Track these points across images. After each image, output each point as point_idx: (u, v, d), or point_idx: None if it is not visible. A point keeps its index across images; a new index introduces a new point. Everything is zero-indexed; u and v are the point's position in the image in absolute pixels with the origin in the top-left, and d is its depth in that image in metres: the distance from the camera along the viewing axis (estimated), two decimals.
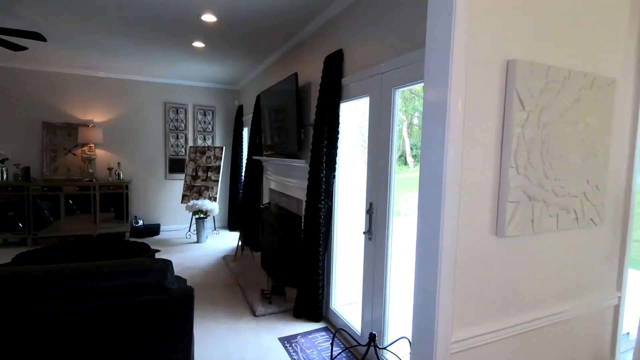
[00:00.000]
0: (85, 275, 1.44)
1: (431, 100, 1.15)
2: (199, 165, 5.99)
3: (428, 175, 1.15)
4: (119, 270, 1.50)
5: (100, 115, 5.71)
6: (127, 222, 5.55)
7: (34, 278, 1.38)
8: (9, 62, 5.08)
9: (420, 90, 4.88)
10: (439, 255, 1.10)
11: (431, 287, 1.13)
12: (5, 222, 4.93)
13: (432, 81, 1.14)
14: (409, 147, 14.77)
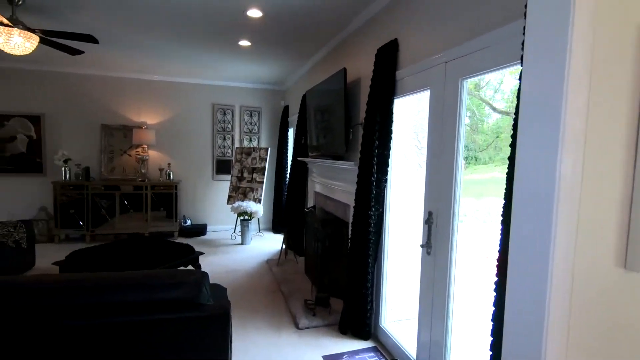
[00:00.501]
0: (115, 287, 1.31)
1: (536, 91, 0.85)
2: (244, 167, 5.98)
3: (527, 189, 0.85)
4: (150, 283, 1.36)
5: (153, 117, 5.89)
6: (176, 221, 5.66)
7: (57, 289, 1.27)
8: (73, 68, 5.40)
9: (474, 87, 4.38)
10: (546, 295, 0.80)
11: (533, 338, 0.83)
12: (67, 219, 5.22)
13: (538, 63, 0.84)
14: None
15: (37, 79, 5.36)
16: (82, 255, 3.16)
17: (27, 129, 5.38)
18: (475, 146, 4.50)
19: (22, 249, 3.75)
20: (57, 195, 5.15)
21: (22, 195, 5.40)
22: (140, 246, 3.44)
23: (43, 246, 5.04)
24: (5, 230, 3.75)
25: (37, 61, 5.08)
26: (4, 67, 5.20)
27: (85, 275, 1.39)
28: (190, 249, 3.53)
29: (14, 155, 5.35)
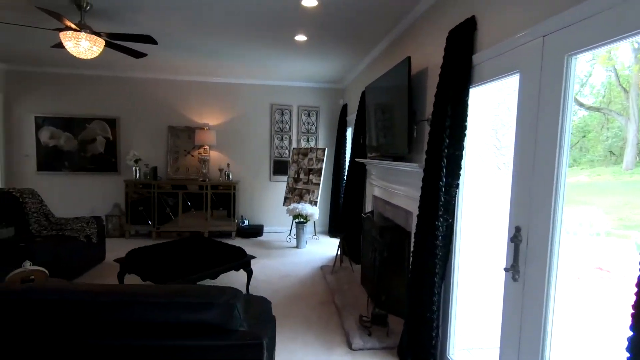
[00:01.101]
0: (133, 303, 1.15)
1: None
2: (301, 168, 5.83)
3: None
4: (174, 302, 1.17)
5: (214, 118, 6.02)
6: (235, 221, 5.70)
7: (69, 303, 1.14)
8: (144, 73, 5.71)
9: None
10: None
11: None
12: (137, 216, 5.53)
13: None
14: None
15: (114, 84, 5.76)
16: (139, 253, 3.21)
17: (105, 131, 5.81)
18: None
19: (92, 244, 3.98)
20: (128, 193, 5.48)
21: (101, 192, 5.85)
22: (193, 247, 3.42)
23: (115, 240, 5.38)
24: (79, 226, 4.00)
25: (113, 67, 5.45)
26: (86, 74, 5.67)
27: (103, 287, 1.25)
28: (242, 252, 3.43)
29: (94, 155, 5.82)
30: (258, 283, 3.79)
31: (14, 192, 3.84)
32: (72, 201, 5.81)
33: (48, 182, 5.76)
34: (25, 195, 3.91)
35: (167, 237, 5.64)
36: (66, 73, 5.64)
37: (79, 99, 5.71)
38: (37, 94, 5.65)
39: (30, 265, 1.93)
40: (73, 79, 5.67)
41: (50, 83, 5.65)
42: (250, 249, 5.12)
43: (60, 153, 5.74)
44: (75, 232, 3.87)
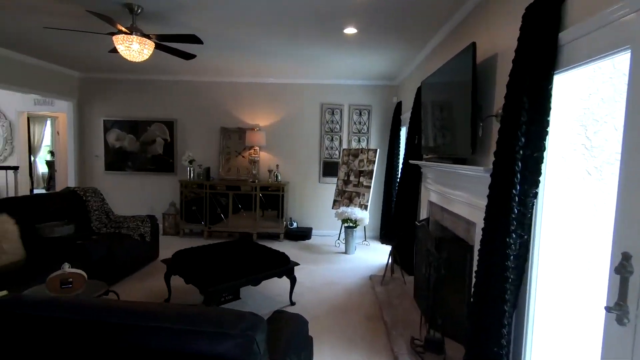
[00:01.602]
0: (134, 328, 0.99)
1: None
2: (351, 169, 5.57)
3: None
4: (185, 328, 1.00)
5: (265, 119, 5.99)
6: (283, 223, 5.61)
7: (58, 321, 1.01)
8: (198, 76, 5.86)
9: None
10: None
11: None
12: (190, 215, 5.68)
13: None
14: None
15: (172, 88, 5.99)
16: (185, 255, 3.19)
17: (164, 133, 6.07)
18: None
19: (146, 243, 4.10)
20: (182, 192, 5.65)
21: (160, 191, 6.12)
22: (237, 251, 3.33)
23: (170, 238, 5.57)
24: (134, 224, 4.15)
25: (172, 72, 5.66)
26: (148, 79, 5.96)
27: (106, 302, 1.12)
28: (286, 259, 3.26)
29: (154, 156, 6.11)
30: (302, 290, 3.61)
31: (79, 190, 4.09)
32: (133, 199, 6.16)
33: (114, 181, 6.16)
34: (88, 194, 4.14)
35: (217, 237, 5.73)
36: (130, 79, 5.98)
37: (141, 102, 6.03)
38: (105, 99, 6.06)
39: (69, 268, 1.94)
40: (136, 84, 6.00)
41: (116, 88, 6.03)
42: (297, 252, 4.98)
43: (124, 154, 6.10)
44: (130, 231, 4.02)
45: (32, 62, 5.09)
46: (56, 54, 4.83)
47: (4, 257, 2.82)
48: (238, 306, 3.24)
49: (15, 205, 3.27)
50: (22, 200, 3.37)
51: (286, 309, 3.24)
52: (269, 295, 3.50)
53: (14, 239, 2.93)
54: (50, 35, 3.99)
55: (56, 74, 5.59)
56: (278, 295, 3.50)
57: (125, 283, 3.66)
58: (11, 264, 2.83)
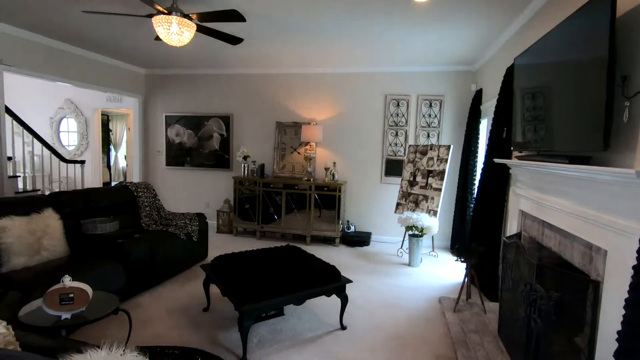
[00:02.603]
0: None
1: None
2: (418, 169, 4.85)
3: None
4: None
5: (322, 113, 5.53)
6: (339, 226, 5.10)
7: None
8: (254, 69, 5.60)
9: None
10: None
11: None
12: (244, 213, 5.45)
13: None
14: None
15: (228, 81, 5.82)
16: (223, 262, 2.85)
17: (220, 128, 5.94)
18: None
19: (192, 242, 3.88)
20: (236, 189, 5.44)
21: (216, 187, 6.02)
22: (281, 261, 2.90)
23: (223, 237, 5.40)
24: (182, 222, 3.96)
25: (228, 65, 5.46)
26: (206, 73, 5.86)
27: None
28: (336, 274, 2.74)
29: (210, 152, 6.01)
30: (355, 311, 3.06)
31: (130, 186, 4.02)
32: (191, 195, 6.14)
33: (173, 176, 6.20)
34: (139, 190, 4.05)
35: (270, 237, 5.43)
36: (190, 74, 5.94)
37: (199, 97, 5.96)
38: (167, 95, 6.11)
39: (70, 281, 1.66)
40: (195, 79, 5.94)
41: (176, 84, 6.04)
42: (353, 261, 4.43)
43: (183, 149, 6.10)
44: (177, 229, 3.83)
45: (105, 60, 5.25)
46: (124, 51, 4.89)
47: (44, 253, 2.72)
48: (280, 323, 2.81)
49: (63, 199, 3.21)
50: (72, 194, 3.32)
51: (335, 333, 2.73)
52: (316, 313, 3.01)
53: (56, 235, 2.83)
54: (117, 33, 3.96)
55: (125, 71, 5.73)
56: (327, 314, 3.00)
57: (165, 286, 3.46)
58: (50, 261, 2.73)
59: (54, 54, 4.53)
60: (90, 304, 1.73)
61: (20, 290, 2.26)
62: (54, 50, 4.52)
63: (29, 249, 2.62)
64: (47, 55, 4.45)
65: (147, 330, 2.66)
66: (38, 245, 2.68)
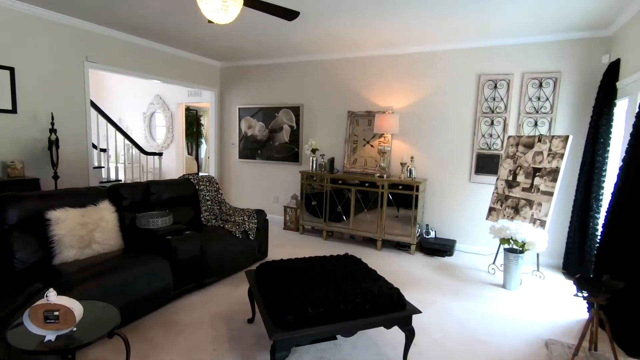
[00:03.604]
0: None
1: None
2: (519, 166, 3.86)
3: None
4: None
5: (399, 100, 4.82)
6: (417, 231, 4.39)
7: None
8: (324, 54, 5.14)
9: None
10: None
11: None
12: (311, 210, 5.07)
13: None
14: None
15: (299, 70, 5.48)
16: (269, 271, 2.46)
17: (290, 120, 5.65)
18: None
19: (248, 241, 3.62)
20: (303, 184, 5.09)
21: (284, 182, 5.78)
22: (335, 275, 2.39)
23: (289, 235, 5.11)
24: (240, 219, 3.73)
25: (297, 52, 5.11)
26: (277, 62, 5.61)
27: None
28: (400, 302, 2.13)
29: (280, 144, 5.78)
30: (426, 346, 2.41)
31: (192, 179, 3.93)
32: (261, 189, 6.01)
33: (245, 169, 6.15)
34: (201, 183, 3.94)
35: (337, 238, 4.97)
36: (261, 64, 5.76)
37: (270, 88, 5.76)
38: (240, 87, 6.04)
39: (56, 297, 1.41)
40: (266, 70, 5.74)
41: (249, 75, 5.93)
42: (431, 275, 3.71)
43: (255, 142, 5.99)
44: (234, 226, 3.60)
45: (182, 54, 5.36)
46: (200, 44, 4.90)
47: (95, 246, 2.67)
48: (329, 351, 2.32)
49: (122, 192, 3.19)
50: (131, 187, 3.30)
51: None
52: (376, 342, 2.45)
53: (109, 228, 2.78)
54: (192, 26, 3.90)
55: (202, 65, 5.82)
56: (389, 344, 2.41)
57: (217, 287, 3.24)
58: (100, 254, 2.67)
59: (134, 49, 4.70)
60: (85, 322, 1.48)
61: (61, 286, 2.18)
62: (133, 46, 4.69)
63: (80, 242, 2.58)
64: (128, 51, 4.63)
65: (183, 339, 2.41)
66: (89, 238, 2.63)
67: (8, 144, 3.59)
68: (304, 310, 1.93)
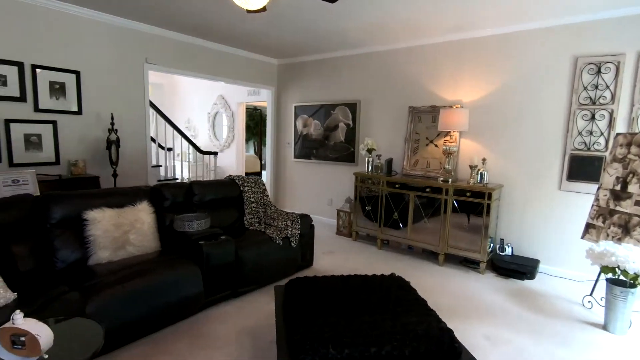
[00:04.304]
0: None
1: None
2: (632, 172, 2.99)
3: None
4: None
5: (470, 92, 4.15)
6: (488, 245, 3.71)
7: None
8: (384, 44, 4.66)
9: None
10: None
11: None
12: (366, 216, 4.65)
13: None
14: None
15: (356, 64, 5.08)
16: (300, 289, 2.14)
17: (346, 117, 5.28)
18: None
19: (290, 248, 3.35)
20: (357, 187, 4.69)
21: (339, 183, 5.43)
22: (374, 302, 1.98)
23: (341, 240, 4.76)
24: (283, 224, 3.48)
25: (355, 45, 4.72)
26: (334, 56, 5.27)
27: None
28: (452, 348, 1.64)
29: (335, 144, 5.44)
30: None
31: (237, 180, 3.79)
32: (315, 191, 5.74)
33: (300, 170, 5.94)
34: (246, 185, 3.78)
35: (394, 248, 4.48)
36: (317, 59, 5.48)
37: (326, 84, 5.45)
38: (296, 84, 5.84)
39: (23, 320, 1.23)
40: (323, 65, 5.45)
41: (305, 72, 5.69)
42: (504, 302, 3.05)
43: (310, 141, 5.74)
44: (276, 231, 3.36)
45: (240, 53, 5.34)
46: (257, 42, 4.82)
47: (130, 248, 2.62)
48: None
49: (164, 192, 3.14)
50: (173, 187, 3.24)
51: None
52: None
53: (145, 230, 2.72)
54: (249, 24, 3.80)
55: (260, 63, 5.75)
56: None
57: (252, 297, 3.01)
58: (133, 257, 2.61)
59: (191, 50, 4.75)
60: (61, 346, 1.31)
61: (87, 290, 2.12)
62: (190, 46, 4.73)
63: (113, 243, 2.54)
64: (185, 51, 4.69)
65: (205, 356, 2.21)
66: (123, 240, 2.59)
67: (74, 143, 3.82)
68: (325, 349, 1.56)
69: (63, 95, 3.71)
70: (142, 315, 2.25)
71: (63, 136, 3.73)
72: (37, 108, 3.54)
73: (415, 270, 3.79)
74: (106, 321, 2.07)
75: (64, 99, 3.71)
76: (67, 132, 3.75)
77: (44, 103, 3.58)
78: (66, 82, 3.71)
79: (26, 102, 3.47)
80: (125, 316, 2.17)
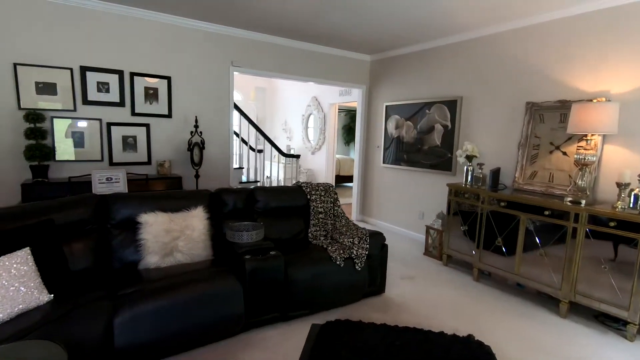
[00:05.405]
0: None
1: None
2: None
3: None
4: None
5: (622, 79, 2.96)
6: (638, 297, 2.55)
7: None
8: (489, 27, 3.74)
9: None
10: None
11: None
12: (458, 236, 3.81)
13: None
14: None
15: (459, 52, 4.24)
16: (338, 335, 1.67)
17: (444, 117, 4.47)
18: None
19: (353, 271, 2.85)
20: (450, 201, 3.88)
21: (433, 195, 4.66)
22: None
23: (428, 263, 4.02)
24: (349, 241, 3.00)
25: (459, 30, 3.92)
26: (431, 47, 4.53)
27: None
28: None
29: (430, 148, 4.69)
30: None
31: (305, 187, 3.45)
32: (404, 201, 5.07)
33: (389, 176, 5.34)
34: (314, 193, 3.43)
35: (496, 282, 3.55)
36: (414, 52, 4.81)
37: (422, 80, 4.73)
38: (388, 81, 5.26)
39: None
40: (420, 58, 4.75)
41: (399, 67, 5.07)
42: None
43: (401, 145, 5.09)
44: (338, 249, 2.91)
45: (329, 51, 5.08)
46: (348, 38, 4.50)
47: (178, 255, 2.52)
48: None
49: (224, 197, 3.00)
50: (235, 192, 3.07)
51: None
52: None
53: (195, 237, 2.59)
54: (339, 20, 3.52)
55: (351, 60, 5.38)
56: None
57: (301, 322, 2.61)
58: (180, 265, 2.50)
59: (276, 50, 4.65)
60: None
61: (121, 298, 2.05)
62: (274, 47, 4.63)
63: (162, 249, 2.47)
64: (270, 52, 4.61)
65: None
66: (172, 246, 2.50)
67: (164, 145, 4.06)
68: None
69: (156, 100, 3.97)
70: (171, 332, 2.09)
71: (154, 138, 4.00)
72: (133, 112, 3.85)
73: (520, 319, 2.87)
74: (132, 336, 1.97)
75: (156, 103, 3.97)
76: (157, 134, 4.01)
77: (139, 107, 3.88)
78: (159, 88, 3.96)
79: (124, 106, 3.80)
80: (153, 332, 2.02)
